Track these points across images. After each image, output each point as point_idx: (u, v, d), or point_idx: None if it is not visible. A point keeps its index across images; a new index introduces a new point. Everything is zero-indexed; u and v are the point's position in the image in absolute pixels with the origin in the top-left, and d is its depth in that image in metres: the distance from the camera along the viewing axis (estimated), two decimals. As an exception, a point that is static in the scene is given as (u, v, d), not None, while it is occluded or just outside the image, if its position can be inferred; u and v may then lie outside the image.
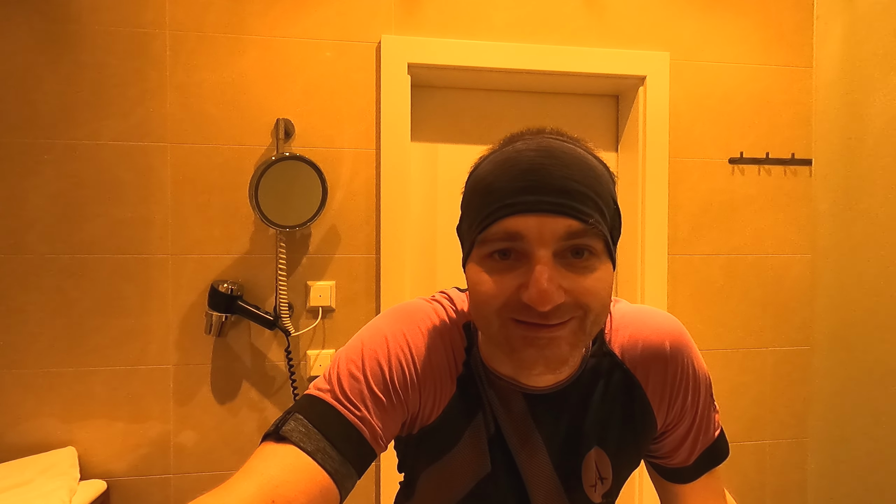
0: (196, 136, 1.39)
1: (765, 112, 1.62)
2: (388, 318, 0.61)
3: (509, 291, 0.50)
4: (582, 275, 0.50)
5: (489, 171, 0.53)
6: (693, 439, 0.65)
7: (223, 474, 1.41)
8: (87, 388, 1.36)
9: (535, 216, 0.49)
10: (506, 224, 0.49)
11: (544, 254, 0.49)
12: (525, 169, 0.50)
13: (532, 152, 0.50)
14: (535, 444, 0.61)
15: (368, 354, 0.56)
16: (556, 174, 0.49)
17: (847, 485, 0.88)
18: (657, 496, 0.73)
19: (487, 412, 0.61)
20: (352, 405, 0.54)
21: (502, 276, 0.51)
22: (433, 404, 0.59)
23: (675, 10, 1.58)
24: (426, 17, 1.47)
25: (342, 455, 0.51)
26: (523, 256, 0.50)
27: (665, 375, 0.62)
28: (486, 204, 0.51)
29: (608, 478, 0.64)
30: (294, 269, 1.43)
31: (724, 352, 1.62)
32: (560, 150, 0.51)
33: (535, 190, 0.49)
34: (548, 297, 0.47)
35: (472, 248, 0.54)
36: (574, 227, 0.49)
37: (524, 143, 0.52)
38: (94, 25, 1.35)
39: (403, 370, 0.57)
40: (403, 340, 0.58)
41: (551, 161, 0.50)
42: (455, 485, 0.62)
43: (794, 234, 1.64)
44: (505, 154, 0.52)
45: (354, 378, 0.55)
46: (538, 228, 0.49)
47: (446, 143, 1.61)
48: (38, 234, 1.34)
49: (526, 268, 0.50)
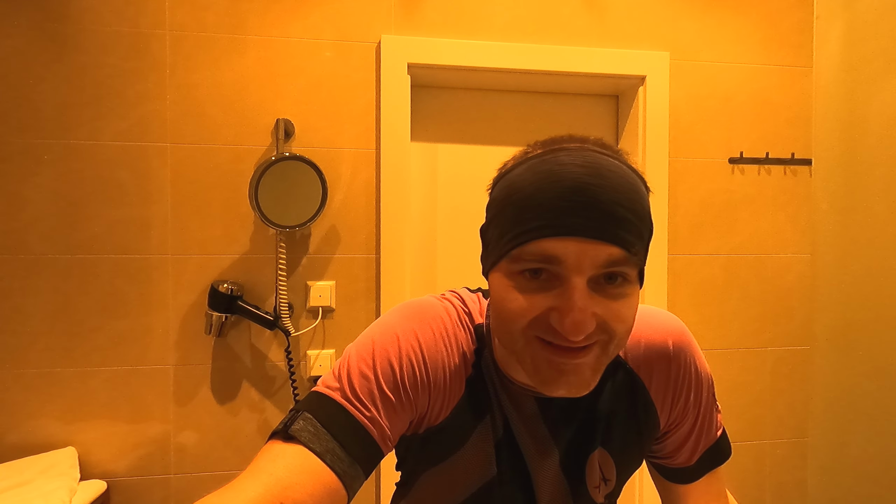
0: (196, 136, 1.39)
1: (765, 112, 1.62)
2: (400, 316, 0.59)
3: (538, 311, 0.49)
4: (614, 300, 0.48)
5: (528, 180, 0.49)
6: (695, 439, 0.65)
7: (223, 474, 1.41)
8: (88, 388, 1.36)
9: (577, 241, 0.46)
10: (544, 245, 0.47)
11: (580, 281, 0.47)
12: (570, 187, 0.46)
13: (578, 168, 0.47)
14: (547, 447, 0.61)
15: (379, 353, 0.55)
16: (603, 197, 0.46)
17: (847, 485, 0.88)
18: (657, 496, 0.73)
19: (496, 415, 0.60)
20: (362, 405, 0.53)
21: (533, 296, 0.49)
22: (441, 405, 0.59)
23: (675, 10, 1.58)
24: (426, 17, 1.47)
25: (351, 456, 0.50)
26: (556, 278, 0.48)
27: (668, 375, 0.62)
28: (524, 219, 0.48)
29: (611, 479, 0.63)
30: (294, 269, 1.43)
31: (724, 352, 1.62)
32: (607, 168, 0.47)
33: (580, 213, 0.46)
34: (582, 328, 0.46)
35: (501, 259, 0.51)
36: (615, 256, 0.47)
37: (568, 154, 0.48)
38: (94, 25, 1.35)
39: (414, 370, 0.56)
40: (415, 340, 0.57)
41: (599, 181, 0.46)
42: (457, 487, 0.61)
43: (794, 233, 1.65)
44: (547, 164, 0.48)
45: (365, 377, 0.54)
46: (578, 255, 0.46)
47: (446, 143, 1.61)
48: (38, 234, 1.34)
49: (559, 290, 0.48)
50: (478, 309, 0.63)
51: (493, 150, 1.65)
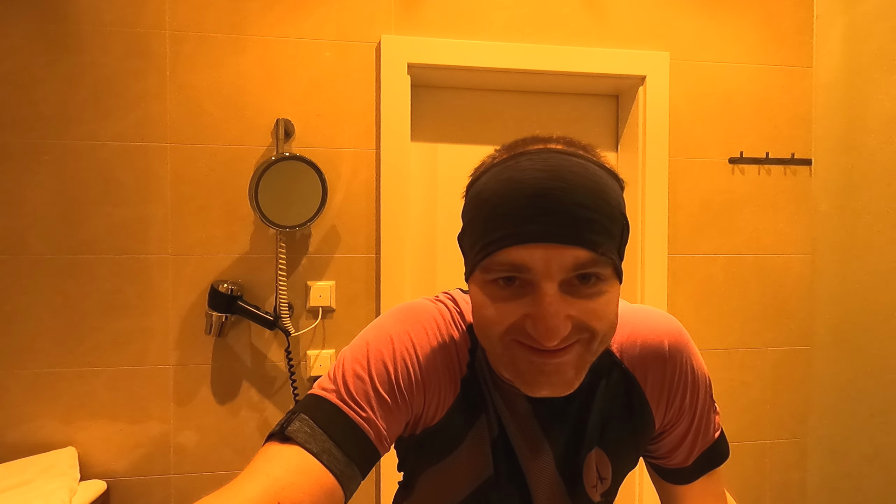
0: (196, 136, 1.39)
1: (765, 112, 1.62)
2: (393, 318, 0.60)
3: (513, 319, 0.49)
4: (589, 300, 0.49)
5: (492, 188, 0.50)
6: (692, 440, 0.65)
7: (223, 474, 1.41)
8: (88, 388, 1.36)
9: (542, 247, 0.47)
10: (511, 254, 0.48)
11: (550, 287, 0.47)
12: (530, 194, 0.47)
13: (539, 173, 0.47)
14: (540, 446, 0.61)
15: (374, 355, 0.56)
16: (565, 200, 0.46)
17: (847, 485, 0.88)
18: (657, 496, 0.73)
19: (491, 414, 0.60)
20: (357, 406, 0.53)
21: (507, 304, 0.50)
22: (437, 406, 0.59)
23: (675, 10, 1.58)
24: (426, 17, 1.47)
25: (347, 456, 0.51)
26: (528, 284, 0.49)
27: (664, 375, 0.62)
28: (490, 228, 0.49)
29: (607, 478, 0.64)
30: (294, 269, 1.43)
31: (724, 352, 1.62)
32: (568, 169, 0.48)
33: (541, 219, 0.46)
34: (555, 333, 0.47)
35: (475, 269, 0.52)
36: (582, 258, 0.47)
37: (529, 159, 0.49)
38: (93, 25, 1.35)
39: (409, 371, 0.56)
40: (409, 341, 0.58)
41: (559, 184, 0.47)
42: (456, 486, 0.62)
43: (794, 234, 1.64)
44: (509, 171, 0.49)
45: (360, 378, 0.54)
46: (545, 261, 0.47)
47: (446, 143, 1.61)
48: (38, 234, 1.34)
49: (531, 297, 0.48)
50: (470, 309, 0.63)
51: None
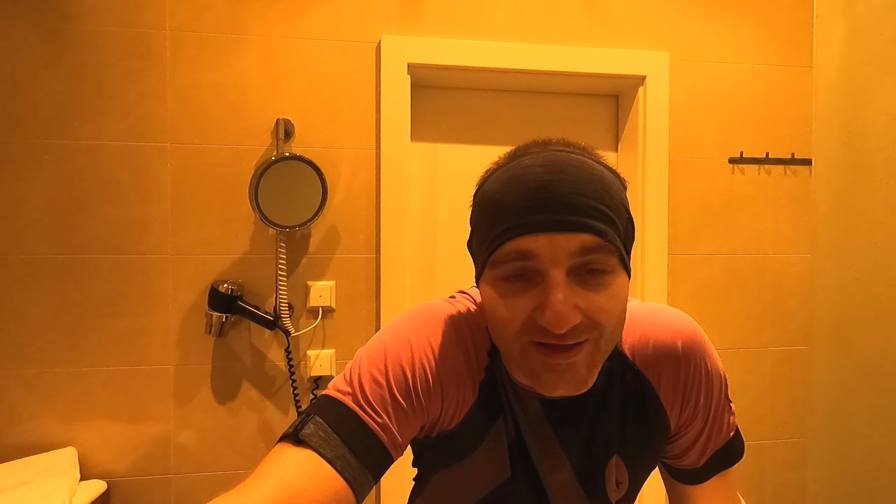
0: (196, 136, 1.39)
1: (765, 112, 1.62)
2: (412, 320, 0.59)
3: (525, 314, 0.50)
4: (597, 292, 0.49)
5: (496, 188, 0.52)
6: (704, 441, 0.64)
7: (223, 474, 1.41)
8: (88, 388, 1.36)
9: (546, 235, 0.48)
10: (517, 244, 0.49)
11: (558, 273, 0.48)
12: (532, 187, 0.48)
13: (539, 168, 0.49)
14: (554, 450, 0.60)
15: (392, 358, 0.54)
16: (564, 190, 0.48)
17: (847, 485, 0.88)
18: (658, 496, 0.73)
19: (508, 417, 0.59)
20: (373, 411, 0.52)
21: (517, 299, 0.50)
22: (454, 410, 0.58)
23: (675, 10, 1.58)
24: (426, 17, 1.47)
25: (361, 463, 0.50)
26: (537, 276, 0.49)
27: (677, 376, 0.61)
28: (495, 224, 0.50)
29: (624, 482, 0.62)
30: (294, 269, 1.43)
31: (724, 352, 1.62)
32: (567, 163, 0.49)
33: (544, 208, 0.48)
34: (564, 319, 0.47)
35: (485, 269, 0.53)
36: (587, 243, 0.48)
37: (530, 158, 0.51)
38: (93, 25, 1.35)
39: (427, 376, 0.55)
40: (427, 345, 0.56)
41: (559, 176, 0.48)
42: (471, 489, 0.61)
43: (794, 234, 1.64)
44: (511, 170, 0.51)
45: (377, 382, 0.53)
46: (550, 247, 0.48)
47: (446, 143, 1.61)
48: (38, 234, 1.34)
49: (540, 288, 0.49)
50: None
51: (493, 150, 1.65)
